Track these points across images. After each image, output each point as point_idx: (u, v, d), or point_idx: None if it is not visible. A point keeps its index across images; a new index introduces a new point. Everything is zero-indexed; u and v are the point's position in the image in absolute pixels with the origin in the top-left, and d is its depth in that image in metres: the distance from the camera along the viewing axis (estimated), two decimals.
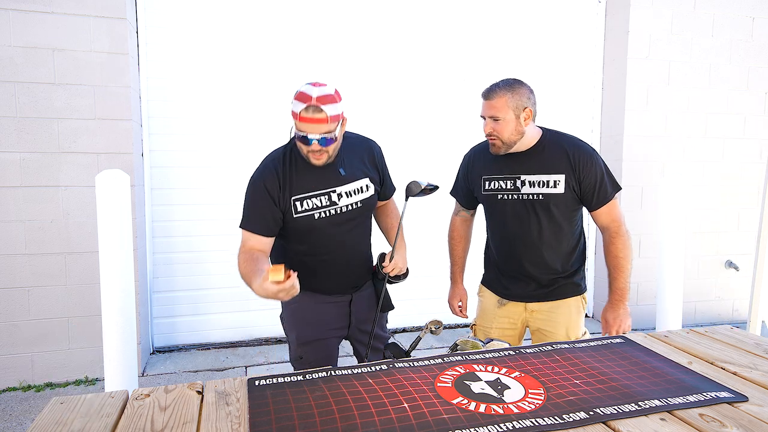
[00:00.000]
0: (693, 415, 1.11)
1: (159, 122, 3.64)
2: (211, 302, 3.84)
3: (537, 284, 2.03)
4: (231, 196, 3.73)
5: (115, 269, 2.25)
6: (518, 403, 1.16)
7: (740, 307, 4.66)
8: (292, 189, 1.77)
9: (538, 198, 1.93)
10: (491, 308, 2.14)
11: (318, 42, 3.84)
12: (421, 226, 3.61)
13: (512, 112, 1.87)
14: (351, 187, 1.83)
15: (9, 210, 3.12)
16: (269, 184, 1.76)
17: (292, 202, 1.77)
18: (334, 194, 1.80)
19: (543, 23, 4.32)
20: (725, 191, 4.53)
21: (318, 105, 1.61)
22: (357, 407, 1.14)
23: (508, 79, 1.93)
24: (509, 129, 1.88)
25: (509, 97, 1.86)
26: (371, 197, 1.89)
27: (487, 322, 2.15)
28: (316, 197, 1.79)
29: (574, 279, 2.05)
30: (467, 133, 4.20)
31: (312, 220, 1.78)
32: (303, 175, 1.79)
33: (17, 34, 3.04)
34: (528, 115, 1.89)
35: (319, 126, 1.64)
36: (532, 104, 1.90)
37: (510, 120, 1.87)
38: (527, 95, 1.89)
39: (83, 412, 1.15)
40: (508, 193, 1.99)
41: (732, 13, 4.36)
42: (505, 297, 2.10)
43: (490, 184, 2.04)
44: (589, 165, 1.91)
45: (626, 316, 1.98)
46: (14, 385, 3.20)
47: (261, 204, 1.78)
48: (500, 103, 1.87)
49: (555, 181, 1.92)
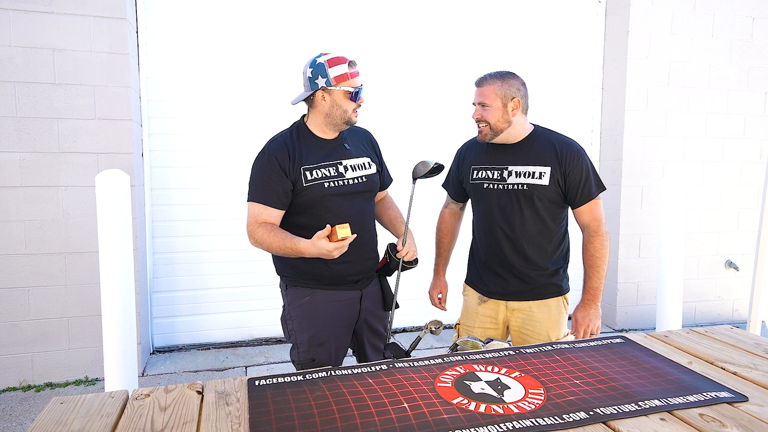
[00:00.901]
0: (693, 415, 1.11)
1: (159, 122, 3.64)
2: (211, 302, 3.84)
3: (518, 280, 2.04)
4: (231, 196, 3.74)
5: (115, 269, 2.25)
6: (518, 403, 1.16)
7: (740, 307, 4.66)
8: (302, 160, 1.84)
9: (522, 188, 1.97)
10: (474, 307, 2.15)
11: (318, 42, 3.83)
12: (420, 226, 3.60)
13: (500, 100, 1.93)
14: (356, 161, 1.93)
15: (9, 210, 3.12)
16: (279, 156, 1.82)
17: (302, 171, 1.83)
18: (340, 166, 1.89)
19: (543, 23, 4.32)
20: (725, 191, 4.53)
21: (354, 60, 1.84)
22: (357, 407, 1.14)
23: (501, 70, 2.00)
24: (496, 116, 1.94)
25: (498, 86, 1.93)
26: (374, 175, 1.98)
27: (470, 321, 2.15)
28: (324, 167, 1.86)
29: (555, 279, 2.06)
30: (465, 131, 4.21)
31: (322, 189, 1.83)
32: (311, 148, 1.87)
33: (17, 34, 3.04)
34: (516, 105, 1.94)
35: (360, 78, 1.86)
36: (522, 96, 1.95)
37: (497, 108, 1.93)
38: (517, 87, 1.95)
39: (83, 412, 1.15)
40: (494, 183, 2.02)
41: (732, 13, 4.36)
42: (486, 294, 2.11)
43: (478, 173, 2.08)
44: (576, 160, 1.95)
45: (596, 316, 2.00)
46: (14, 385, 3.20)
47: (272, 176, 1.81)
48: (489, 90, 1.94)
49: (540, 173, 1.95)
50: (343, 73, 1.81)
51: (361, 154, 1.97)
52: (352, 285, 1.94)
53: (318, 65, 1.83)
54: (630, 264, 4.34)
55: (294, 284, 1.93)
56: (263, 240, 1.78)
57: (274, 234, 1.77)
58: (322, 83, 1.82)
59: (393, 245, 1.96)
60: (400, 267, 1.91)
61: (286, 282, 1.96)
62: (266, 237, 1.77)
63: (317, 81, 1.83)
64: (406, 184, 1.98)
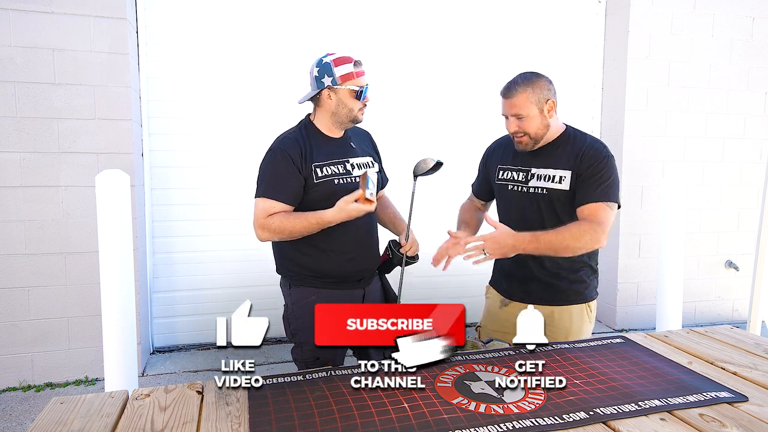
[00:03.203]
0: (693, 415, 1.11)
1: (159, 122, 3.63)
2: (211, 302, 3.83)
3: (539, 285, 1.99)
4: (231, 196, 3.73)
5: (115, 269, 2.25)
6: (518, 403, 1.16)
7: (740, 307, 4.66)
8: (313, 157, 1.87)
9: (543, 192, 1.89)
10: (495, 309, 2.13)
11: (318, 42, 3.83)
12: (420, 223, 3.60)
13: (535, 106, 1.82)
14: (361, 160, 1.98)
15: (9, 210, 3.12)
16: (292, 152, 1.84)
17: (313, 168, 1.86)
18: (348, 164, 1.93)
19: (543, 23, 4.32)
20: (725, 191, 4.53)
21: (359, 60, 1.88)
22: (357, 407, 1.14)
23: (526, 72, 1.87)
24: (535, 124, 1.84)
25: (530, 92, 1.82)
26: (377, 174, 2.01)
27: (491, 323, 2.12)
28: (333, 165, 1.90)
29: (578, 286, 1.96)
30: (464, 132, 4.20)
31: (332, 185, 1.86)
32: (320, 146, 1.91)
33: (17, 34, 3.04)
34: (551, 106, 1.85)
35: (365, 77, 1.90)
36: (553, 95, 1.85)
37: (534, 115, 1.83)
38: (547, 86, 1.85)
39: (83, 412, 1.15)
40: (517, 185, 1.96)
41: (732, 13, 4.36)
42: (508, 297, 2.09)
43: (503, 173, 2.02)
44: (596, 162, 1.82)
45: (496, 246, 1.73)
46: (14, 385, 3.20)
47: (285, 172, 1.83)
48: (521, 99, 1.82)
49: (561, 177, 1.87)
50: (348, 72, 1.84)
51: (365, 153, 2.02)
52: (355, 283, 1.96)
53: (324, 64, 1.86)
54: (630, 264, 4.34)
55: (298, 283, 1.94)
56: (282, 226, 1.77)
57: (293, 216, 1.79)
58: (328, 82, 1.85)
59: (395, 241, 1.98)
60: (404, 263, 1.92)
61: (290, 281, 1.96)
62: (285, 222, 1.78)
63: (323, 80, 1.86)
64: (407, 182, 1.99)
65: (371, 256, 1.99)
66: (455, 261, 1.89)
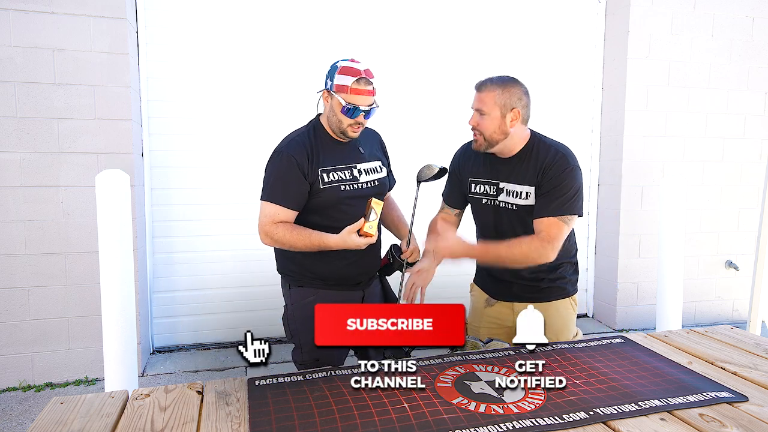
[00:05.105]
0: (693, 415, 1.11)
1: (159, 122, 3.63)
2: (211, 302, 3.83)
3: (521, 286, 1.99)
4: (231, 196, 3.73)
5: (115, 269, 2.25)
6: (518, 403, 1.16)
7: (740, 307, 4.66)
8: (320, 161, 1.84)
9: (513, 208, 1.90)
10: (480, 307, 2.13)
11: (319, 41, 3.83)
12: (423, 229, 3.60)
13: (498, 109, 1.79)
14: (369, 165, 1.95)
15: (9, 210, 3.12)
16: (299, 157, 1.81)
17: (319, 173, 1.84)
18: (355, 170, 1.91)
19: (543, 23, 4.32)
20: (725, 191, 4.53)
21: (368, 77, 1.78)
22: (357, 407, 1.14)
23: (504, 75, 1.86)
24: (492, 126, 1.81)
25: (498, 93, 1.79)
26: (385, 178, 2.00)
27: (476, 321, 2.13)
28: (340, 170, 1.88)
29: (560, 282, 1.99)
30: (463, 133, 4.20)
31: (338, 191, 1.85)
32: (328, 151, 1.88)
33: (17, 34, 3.04)
34: (515, 116, 1.80)
35: (367, 98, 1.79)
36: (523, 106, 1.82)
37: (495, 117, 1.80)
38: (519, 96, 1.81)
39: (83, 412, 1.15)
40: (489, 198, 1.96)
41: (732, 13, 4.36)
42: (493, 296, 2.09)
43: (476, 187, 2.01)
44: (556, 176, 1.81)
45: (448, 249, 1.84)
46: (14, 385, 3.20)
47: (291, 178, 1.81)
48: (488, 97, 1.80)
49: (527, 193, 1.86)
50: (343, 84, 1.77)
51: (373, 157, 1.99)
52: (355, 286, 1.95)
53: (333, 66, 1.84)
54: (630, 264, 4.34)
55: (298, 284, 1.93)
56: (285, 239, 1.79)
57: (297, 232, 1.78)
58: (328, 85, 1.83)
59: (396, 246, 1.97)
60: (404, 268, 1.92)
61: (290, 281, 1.96)
62: (288, 236, 1.78)
63: (327, 81, 1.85)
64: (411, 186, 1.98)
65: (371, 261, 1.98)
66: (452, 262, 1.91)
